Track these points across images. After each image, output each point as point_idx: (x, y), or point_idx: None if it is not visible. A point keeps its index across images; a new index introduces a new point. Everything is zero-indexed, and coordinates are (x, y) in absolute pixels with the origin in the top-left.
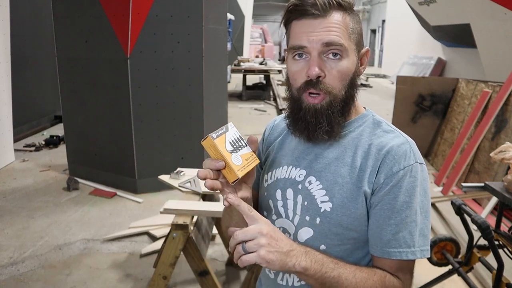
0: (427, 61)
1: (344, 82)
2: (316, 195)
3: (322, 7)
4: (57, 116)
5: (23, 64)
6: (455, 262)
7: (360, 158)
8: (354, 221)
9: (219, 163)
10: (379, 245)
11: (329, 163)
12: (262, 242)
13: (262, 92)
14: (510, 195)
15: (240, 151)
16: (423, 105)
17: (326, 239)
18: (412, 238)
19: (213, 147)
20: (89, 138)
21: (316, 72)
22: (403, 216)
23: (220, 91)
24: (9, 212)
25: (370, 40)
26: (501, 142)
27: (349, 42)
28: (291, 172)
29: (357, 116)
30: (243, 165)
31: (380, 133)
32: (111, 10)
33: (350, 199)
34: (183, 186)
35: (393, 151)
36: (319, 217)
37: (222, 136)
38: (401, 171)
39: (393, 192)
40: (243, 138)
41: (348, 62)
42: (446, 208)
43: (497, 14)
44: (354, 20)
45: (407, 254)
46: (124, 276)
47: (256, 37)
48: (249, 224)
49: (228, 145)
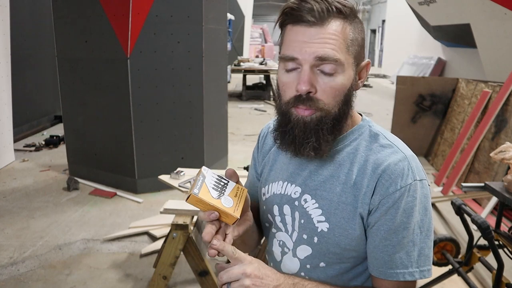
0: (427, 61)
1: (338, 98)
2: (312, 215)
3: (320, 14)
4: (57, 116)
5: (23, 64)
6: (455, 262)
7: (355, 176)
8: (352, 241)
9: (212, 215)
10: (376, 266)
11: (324, 181)
12: (246, 283)
13: (262, 92)
14: (510, 195)
15: (226, 191)
16: (423, 105)
17: (325, 257)
18: (409, 259)
19: (200, 202)
20: (89, 138)
21: (306, 88)
22: (399, 237)
23: (220, 91)
24: (9, 212)
25: (370, 40)
26: (501, 142)
27: (347, 56)
28: (286, 189)
29: (353, 128)
30: (235, 204)
31: (376, 148)
32: (111, 10)
33: (347, 219)
34: (183, 186)
35: (389, 170)
36: (317, 237)
37: (203, 186)
38: (398, 191)
39: (390, 213)
40: (222, 176)
41: (344, 77)
42: (446, 208)
43: (497, 14)
44: (355, 30)
45: (404, 275)
46: (124, 276)
47: (256, 37)
48: (232, 265)
49: (213, 192)
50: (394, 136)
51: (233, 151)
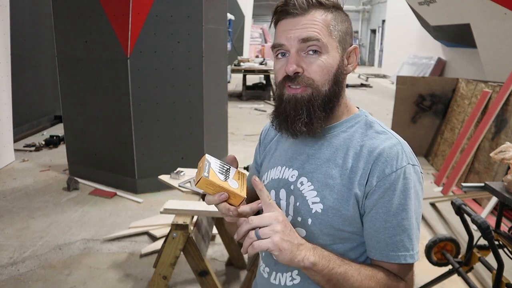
0: (427, 61)
1: (327, 77)
2: (307, 196)
3: (301, 6)
4: (57, 116)
5: (23, 64)
6: (455, 262)
7: (351, 160)
8: (345, 222)
9: (223, 195)
10: (377, 249)
11: (320, 164)
12: (277, 228)
13: (262, 92)
14: (510, 195)
15: (230, 174)
16: (423, 105)
17: (318, 239)
18: (410, 242)
19: (210, 184)
20: (89, 138)
21: (293, 69)
22: (399, 218)
23: (220, 91)
24: (9, 212)
25: (370, 40)
26: (501, 142)
27: (329, 39)
28: (284, 173)
29: (350, 116)
30: (240, 186)
31: (372, 134)
32: (111, 10)
33: (341, 200)
34: (183, 186)
35: (385, 153)
36: (311, 218)
37: (211, 171)
38: (394, 173)
39: (388, 195)
40: (223, 162)
41: (329, 57)
42: (446, 208)
43: (497, 14)
44: (337, 19)
45: (406, 258)
46: (124, 276)
47: (256, 37)
48: (265, 211)
49: (220, 175)
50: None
51: (233, 151)
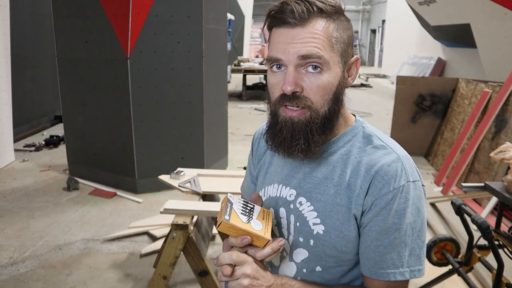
0: (427, 61)
1: (327, 97)
2: (308, 217)
3: (301, 15)
4: (57, 116)
5: (23, 64)
6: (455, 262)
7: (349, 177)
8: (348, 243)
9: (245, 240)
10: (367, 266)
11: (318, 183)
12: (244, 283)
13: (262, 92)
14: (510, 195)
15: (254, 214)
16: (423, 105)
17: (321, 261)
18: (400, 259)
19: (232, 228)
20: (89, 138)
21: (291, 88)
22: (391, 238)
23: (220, 91)
24: (9, 212)
25: (370, 40)
26: (501, 142)
27: (331, 54)
28: (281, 191)
29: (346, 130)
30: (265, 226)
31: (370, 149)
32: (111, 10)
33: (342, 221)
34: (183, 186)
35: (382, 171)
36: (313, 239)
37: (232, 212)
38: (390, 193)
39: (382, 214)
40: (247, 201)
41: (330, 75)
42: (446, 208)
43: (497, 14)
44: (340, 28)
45: (395, 275)
46: (124, 276)
47: (256, 37)
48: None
49: (242, 217)
50: (387, 136)
51: (233, 151)
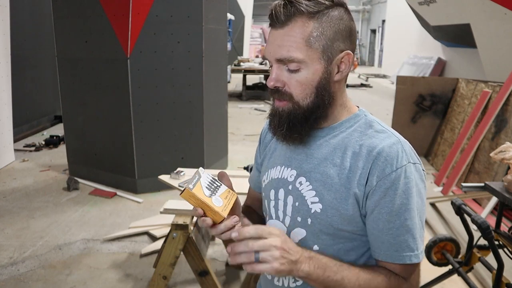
0: (427, 61)
1: (308, 91)
2: (306, 196)
3: (279, 18)
4: (57, 116)
5: (23, 64)
6: (455, 262)
7: (350, 159)
8: (344, 221)
9: (198, 211)
10: (382, 249)
11: (318, 163)
12: (276, 255)
13: (262, 92)
14: (510, 195)
15: (218, 192)
16: (423, 105)
17: (318, 239)
18: (414, 242)
19: (193, 197)
20: (89, 138)
21: (272, 83)
22: (402, 219)
23: (220, 91)
24: (9, 212)
25: (370, 40)
26: (501, 142)
27: (309, 52)
28: (283, 172)
29: (349, 116)
30: (224, 205)
31: (371, 133)
32: (111, 10)
33: (339, 200)
34: (183, 186)
35: (384, 152)
36: (310, 218)
37: (197, 184)
38: (394, 172)
39: (389, 194)
40: (216, 179)
41: (308, 72)
42: (446, 208)
43: (497, 14)
44: (322, 25)
45: (411, 258)
46: (124, 276)
47: (256, 37)
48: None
49: (206, 190)
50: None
51: (233, 151)
